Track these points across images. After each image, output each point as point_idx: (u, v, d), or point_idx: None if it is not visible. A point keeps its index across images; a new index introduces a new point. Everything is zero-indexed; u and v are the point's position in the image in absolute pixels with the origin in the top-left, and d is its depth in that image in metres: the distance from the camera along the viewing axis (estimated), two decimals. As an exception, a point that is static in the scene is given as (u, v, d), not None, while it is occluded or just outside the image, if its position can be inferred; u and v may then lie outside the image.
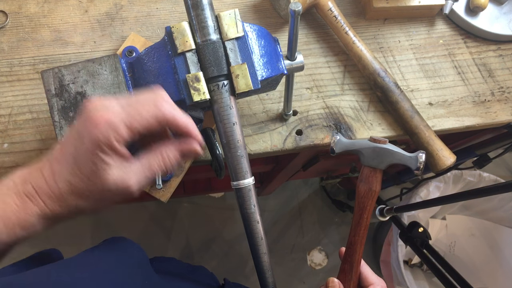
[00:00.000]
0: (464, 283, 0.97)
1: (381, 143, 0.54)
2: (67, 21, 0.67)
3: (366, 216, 0.55)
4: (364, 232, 0.55)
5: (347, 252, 0.56)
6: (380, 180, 0.55)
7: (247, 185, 0.49)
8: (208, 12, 0.45)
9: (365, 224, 0.55)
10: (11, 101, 0.63)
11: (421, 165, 0.52)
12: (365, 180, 0.55)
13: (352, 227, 0.56)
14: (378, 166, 0.54)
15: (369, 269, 0.56)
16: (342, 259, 0.56)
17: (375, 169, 0.54)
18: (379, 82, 0.66)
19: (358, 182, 0.56)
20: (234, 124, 0.47)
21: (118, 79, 0.47)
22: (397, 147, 0.54)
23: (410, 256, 1.59)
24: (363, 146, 0.55)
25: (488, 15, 0.74)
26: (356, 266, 0.55)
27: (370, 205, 0.54)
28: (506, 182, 0.73)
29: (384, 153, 0.54)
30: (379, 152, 0.54)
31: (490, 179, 1.40)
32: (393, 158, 0.53)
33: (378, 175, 0.55)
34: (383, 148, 0.54)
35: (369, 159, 0.54)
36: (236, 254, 1.74)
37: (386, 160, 0.54)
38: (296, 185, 1.87)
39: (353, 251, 0.55)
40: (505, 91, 0.73)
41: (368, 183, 0.54)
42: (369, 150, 0.54)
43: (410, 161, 0.53)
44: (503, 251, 1.48)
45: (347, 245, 0.56)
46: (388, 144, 0.54)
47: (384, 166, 0.54)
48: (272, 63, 0.50)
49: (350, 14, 0.74)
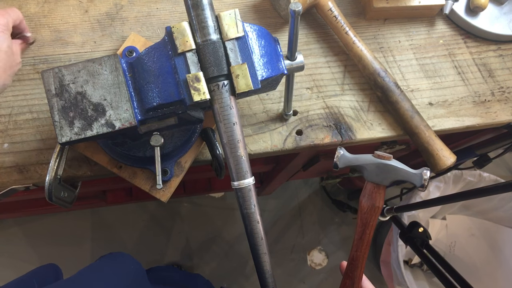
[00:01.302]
0: (464, 283, 0.97)
1: (385, 159, 0.53)
2: (67, 21, 0.67)
3: (369, 232, 0.54)
4: (367, 248, 0.54)
5: (349, 267, 0.55)
6: (383, 196, 0.54)
7: (247, 185, 0.49)
8: (208, 12, 0.45)
9: (367, 239, 0.54)
10: (11, 101, 0.63)
11: (425, 182, 0.51)
12: (368, 196, 0.54)
13: (354, 242, 0.55)
14: (381, 182, 0.53)
15: (371, 285, 0.55)
16: (344, 274, 0.56)
17: (378, 185, 0.54)
18: (379, 82, 0.66)
19: (361, 197, 0.55)
20: (234, 124, 0.47)
21: (118, 79, 0.47)
22: (401, 164, 0.53)
23: (410, 256, 1.59)
24: (367, 162, 0.54)
25: (488, 15, 0.74)
26: (358, 281, 0.54)
27: (373, 220, 0.54)
28: (506, 182, 0.73)
29: (388, 170, 0.53)
30: (383, 168, 0.53)
31: (490, 179, 1.40)
32: (398, 175, 0.53)
33: (382, 191, 0.54)
34: (388, 165, 0.53)
35: (372, 175, 0.54)
36: (236, 254, 1.74)
37: (390, 177, 0.53)
38: (296, 185, 1.87)
39: (354, 266, 0.54)
40: (505, 91, 0.73)
41: (371, 199, 0.54)
42: (373, 166, 0.54)
43: (415, 178, 0.52)
44: (503, 251, 1.48)
45: (349, 260, 0.55)
46: (392, 161, 0.53)
47: (388, 183, 0.53)
48: (272, 63, 0.50)
49: (350, 14, 0.74)
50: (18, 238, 1.65)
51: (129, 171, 0.60)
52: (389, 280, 1.45)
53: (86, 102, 0.46)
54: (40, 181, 0.60)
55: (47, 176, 0.55)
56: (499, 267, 1.47)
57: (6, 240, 1.64)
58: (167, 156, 0.58)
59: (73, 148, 0.60)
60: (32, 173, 0.60)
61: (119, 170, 0.60)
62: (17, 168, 0.60)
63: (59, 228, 1.66)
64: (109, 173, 0.61)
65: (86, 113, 0.46)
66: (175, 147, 0.58)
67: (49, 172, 0.55)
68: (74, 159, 0.62)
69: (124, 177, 0.60)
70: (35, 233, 1.65)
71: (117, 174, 0.60)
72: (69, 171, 0.61)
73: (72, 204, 0.62)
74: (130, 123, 0.47)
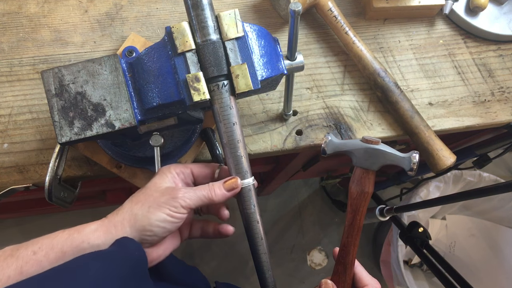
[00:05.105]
0: (464, 283, 0.98)
1: (373, 144, 0.53)
2: (67, 21, 0.67)
3: (359, 218, 0.54)
4: (357, 234, 0.54)
5: (340, 253, 0.55)
6: (373, 182, 0.54)
7: (247, 185, 0.49)
8: (208, 12, 0.45)
9: (358, 225, 0.54)
10: (11, 101, 0.63)
11: (414, 165, 0.51)
12: (357, 182, 0.54)
13: (345, 229, 0.55)
14: (370, 167, 0.53)
15: (364, 270, 0.55)
16: (336, 260, 0.56)
17: (367, 170, 0.53)
18: (379, 82, 0.66)
19: (350, 183, 0.55)
20: (234, 124, 0.47)
21: (118, 79, 0.47)
22: (390, 148, 0.53)
23: (410, 256, 1.59)
24: (355, 147, 0.54)
25: (488, 15, 0.74)
26: (350, 267, 0.54)
27: (363, 206, 0.54)
28: (506, 182, 0.73)
29: (376, 154, 0.52)
30: (371, 153, 0.53)
31: (490, 179, 1.40)
32: (386, 159, 0.52)
33: (371, 176, 0.53)
34: (376, 149, 0.52)
35: (361, 160, 0.53)
36: (236, 254, 1.74)
37: (379, 161, 0.52)
38: (296, 185, 1.86)
39: (346, 252, 0.54)
40: (505, 91, 0.73)
41: (360, 185, 0.53)
42: (361, 151, 0.53)
43: (403, 161, 0.52)
44: (503, 251, 1.48)
45: (340, 246, 0.55)
46: (381, 145, 0.53)
47: (377, 167, 0.53)
48: (272, 63, 0.50)
49: (350, 14, 0.74)
50: (18, 238, 1.64)
51: (129, 171, 0.60)
52: (389, 280, 1.45)
53: (86, 102, 0.46)
54: (40, 181, 0.60)
55: (47, 176, 0.55)
56: (499, 267, 1.47)
57: (6, 240, 1.64)
58: (167, 156, 0.58)
59: (73, 148, 0.60)
60: (32, 173, 0.60)
61: (119, 170, 0.60)
62: (17, 168, 0.60)
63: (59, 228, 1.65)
64: (109, 173, 0.61)
65: (86, 113, 0.46)
66: (175, 147, 0.58)
67: (49, 172, 0.55)
68: (74, 159, 0.62)
69: (124, 177, 0.60)
70: (35, 233, 1.64)
71: (117, 174, 0.60)
72: (69, 171, 0.61)
73: (72, 204, 0.62)
74: (130, 123, 0.47)
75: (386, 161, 0.53)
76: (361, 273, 0.55)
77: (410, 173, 0.52)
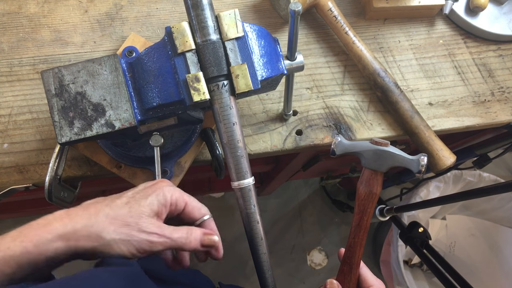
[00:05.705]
0: (464, 283, 0.98)
1: (382, 146, 0.54)
2: (67, 21, 0.67)
3: (366, 218, 0.54)
4: (364, 235, 0.55)
5: (346, 253, 0.55)
6: (381, 183, 0.54)
7: (247, 185, 0.49)
8: (208, 12, 0.45)
9: (365, 226, 0.54)
10: (11, 101, 0.63)
11: (423, 168, 0.52)
12: (365, 183, 0.54)
13: (352, 229, 0.55)
14: (379, 168, 0.54)
15: (369, 271, 0.56)
16: (342, 261, 0.56)
17: (376, 171, 0.54)
18: (379, 82, 0.66)
19: (358, 184, 0.55)
20: (234, 124, 0.47)
21: (118, 79, 0.47)
22: (398, 150, 0.54)
23: (410, 256, 1.59)
24: (364, 148, 0.54)
25: (488, 15, 0.74)
26: (355, 268, 0.55)
27: (371, 207, 0.54)
28: (506, 182, 0.73)
29: (385, 156, 0.53)
30: (380, 154, 0.53)
31: (490, 179, 1.40)
32: (395, 161, 0.53)
33: (379, 177, 0.54)
34: (385, 151, 0.53)
35: (370, 162, 0.54)
36: (236, 254, 1.74)
37: (388, 163, 0.53)
38: (296, 185, 1.86)
39: (352, 253, 0.55)
40: (505, 91, 0.73)
41: (368, 186, 0.54)
42: (370, 153, 0.54)
43: (412, 164, 0.52)
44: (503, 251, 1.48)
45: (347, 246, 0.56)
46: (389, 147, 0.54)
47: (385, 169, 0.54)
48: (272, 63, 0.50)
49: (350, 14, 0.74)
50: (18, 238, 1.64)
51: (129, 171, 0.60)
52: (389, 280, 1.45)
53: (86, 102, 0.46)
54: (40, 181, 0.60)
55: (47, 176, 0.55)
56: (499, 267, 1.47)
57: (6, 240, 1.64)
58: (167, 156, 0.58)
59: (73, 148, 0.60)
60: (32, 173, 0.60)
61: (119, 170, 0.60)
62: (17, 168, 0.60)
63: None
64: (109, 173, 0.61)
65: (86, 113, 0.46)
66: (175, 147, 0.58)
67: (49, 172, 0.55)
68: (74, 159, 0.62)
69: (124, 177, 0.60)
70: (35, 233, 1.64)
71: (117, 174, 0.60)
72: (69, 171, 0.61)
73: (72, 204, 0.62)
74: (130, 123, 0.47)
75: (394, 163, 0.53)
76: (366, 273, 0.55)
77: (418, 175, 0.53)
